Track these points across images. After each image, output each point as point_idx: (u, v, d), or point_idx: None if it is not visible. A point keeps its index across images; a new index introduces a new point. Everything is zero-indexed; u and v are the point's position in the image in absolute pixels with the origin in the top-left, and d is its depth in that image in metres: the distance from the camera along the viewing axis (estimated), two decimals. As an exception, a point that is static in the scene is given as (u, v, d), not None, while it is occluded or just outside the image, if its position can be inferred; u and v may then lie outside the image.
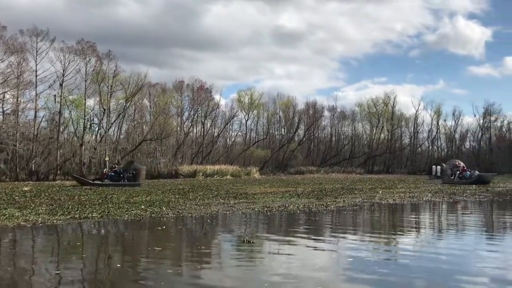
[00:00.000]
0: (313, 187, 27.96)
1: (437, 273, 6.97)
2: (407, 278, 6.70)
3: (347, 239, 10.23)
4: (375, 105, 72.07)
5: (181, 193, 22.14)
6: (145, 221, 12.74)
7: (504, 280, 6.57)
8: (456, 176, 36.45)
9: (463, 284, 6.39)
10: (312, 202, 17.81)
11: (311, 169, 59.85)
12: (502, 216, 15.70)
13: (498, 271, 7.01)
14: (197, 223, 12.88)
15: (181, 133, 57.14)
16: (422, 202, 19.16)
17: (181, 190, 24.69)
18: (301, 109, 69.49)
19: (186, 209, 15.16)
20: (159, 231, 11.05)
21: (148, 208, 15.34)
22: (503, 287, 6.23)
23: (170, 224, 12.19)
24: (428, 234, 11.46)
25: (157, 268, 7.46)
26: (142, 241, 10.41)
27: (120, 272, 7.28)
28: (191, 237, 10.82)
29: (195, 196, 20.56)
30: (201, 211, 14.68)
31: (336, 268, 7.36)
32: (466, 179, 34.88)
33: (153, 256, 8.42)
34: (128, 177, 29.43)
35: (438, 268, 7.32)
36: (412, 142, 74.10)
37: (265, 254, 8.55)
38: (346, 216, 14.35)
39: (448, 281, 6.49)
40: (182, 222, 12.86)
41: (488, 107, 73.78)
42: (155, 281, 6.64)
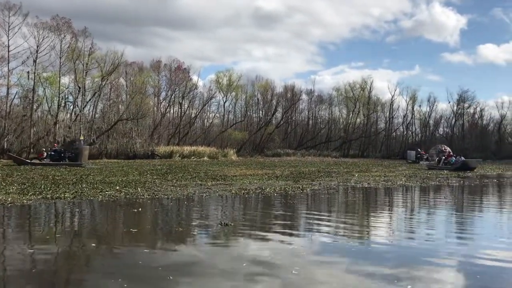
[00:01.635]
0: (290, 170, 28.16)
1: (409, 258, 7.14)
2: (380, 261, 6.84)
3: (322, 223, 10.36)
4: (352, 90, 72.59)
5: (158, 174, 22.01)
6: (120, 202, 12.63)
7: (472, 263, 6.77)
8: (441, 162, 36.32)
9: (433, 266, 6.56)
10: (289, 185, 17.96)
11: (288, 152, 60.17)
12: (472, 201, 16.12)
13: (466, 256, 7.20)
14: (174, 205, 12.84)
15: (158, 113, 56.50)
16: (396, 186, 19.52)
17: (158, 170, 24.55)
18: (279, 92, 69.57)
19: (162, 191, 15.08)
20: (134, 213, 10.97)
21: (123, 189, 15.20)
22: (472, 268, 6.41)
23: (146, 206, 12.12)
24: (401, 218, 11.69)
25: (133, 249, 7.43)
26: (117, 223, 10.32)
27: (95, 253, 7.23)
28: (167, 219, 10.79)
29: (172, 177, 20.46)
30: (178, 193, 14.63)
31: (310, 252, 7.46)
32: (451, 165, 34.53)
33: (129, 237, 8.37)
34: (70, 157, 28.42)
35: (410, 253, 7.50)
36: (387, 127, 75.07)
37: (242, 236, 8.60)
38: (322, 199, 14.52)
39: (418, 264, 6.65)
40: (158, 203, 12.80)
41: (462, 94, 75.22)
42: (132, 261, 6.61)
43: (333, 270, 6.34)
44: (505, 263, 6.80)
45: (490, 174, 29.72)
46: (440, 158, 36.98)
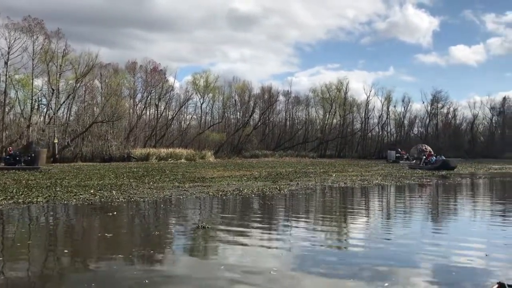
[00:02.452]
0: (268, 171, 28.19)
1: (386, 258, 7.19)
2: (357, 261, 6.87)
3: (300, 224, 10.38)
4: (328, 91, 73.22)
5: (135, 177, 21.72)
6: (95, 206, 12.39)
7: (447, 263, 6.85)
8: (422, 161, 36.32)
9: (409, 266, 6.62)
10: (267, 186, 17.95)
11: (265, 153, 60.26)
12: (446, 200, 16.40)
13: (442, 257, 7.29)
14: (150, 208, 12.67)
15: (134, 115, 55.81)
16: (372, 186, 19.73)
17: (135, 173, 24.23)
18: (257, 94, 69.59)
19: (138, 193, 14.88)
20: (109, 217, 10.77)
21: (98, 192, 14.94)
22: (448, 268, 6.50)
23: (121, 209, 11.92)
24: (377, 219, 11.79)
25: (108, 255, 7.28)
26: (92, 228, 10.11)
27: (68, 260, 7.05)
28: (143, 223, 10.63)
29: (149, 180, 20.22)
30: (154, 195, 14.45)
31: (288, 253, 7.44)
32: (431, 164, 34.51)
33: (104, 243, 8.21)
34: (26, 160, 27.28)
35: (387, 252, 7.56)
36: (363, 127, 75.91)
37: (220, 239, 8.52)
38: (299, 200, 14.55)
39: (395, 264, 6.70)
40: (134, 207, 12.60)
41: (436, 95, 76.78)
42: (107, 267, 6.48)
43: (311, 271, 6.32)
44: (478, 259, 6.90)
45: (464, 173, 30.33)
46: (420, 158, 37.00)
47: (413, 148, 39.83)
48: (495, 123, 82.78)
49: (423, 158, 36.54)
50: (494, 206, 14.23)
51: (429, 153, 37.54)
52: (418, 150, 38.16)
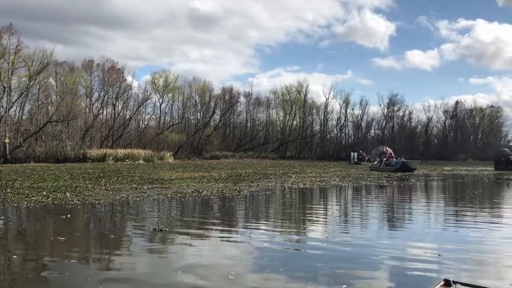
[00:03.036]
0: (227, 172, 28.09)
1: (344, 258, 7.26)
2: (316, 263, 6.90)
3: (260, 225, 10.35)
4: (289, 93, 73.97)
5: (91, 179, 21.10)
6: (48, 208, 11.92)
7: (402, 264, 6.99)
8: (383, 163, 36.71)
9: (367, 265, 6.71)
10: (227, 187, 17.85)
11: (226, 154, 60.12)
12: (401, 201, 16.83)
13: (397, 257, 7.43)
14: (106, 210, 12.31)
15: (90, 115, 54.38)
16: (331, 187, 20.00)
17: (91, 174, 23.54)
18: (217, 94, 69.33)
19: (94, 195, 14.45)
20: (63, 220, 10.38)
21: (51, 194, 14.40)
22: (403, 268, 6.62)
23: (76, 212, 11.52)
24: (335, 220, 11.93)
25: (60, 259, 6.99)
26: (44, 231, 9.70)
27: (18, 266, 6.72)
28: (98, 226, 10.30)
29: (106, 181, 19.68)
30: (110, 198, 14.07)
31: (248, 255, 7.39)
32: (392, 166, 34.92)
33: (56, 247, 7.88)
34: None
35: (345, 253, 7.63)
36: (322, 129, 77.12)
37: (178, 242, 8.37)
38: (259, 201, 14.53)
39: (353, 264, 6.77)
40: (90, 209, 12.21)
41: (392, 98, 79.12)
42: (58, 272, 6.21)
43: (270, 274, 6.29)
44: (432, 259, 7.08)
45: (418, 174, 31.27)
46: (381, 159, 37.45)
47: (374, 150, 40.47)
48: (448, 126, 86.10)
49: (383, 160, 37.00)
50: (447, 207, 14.72)
51: (390, 155, 38.07)
52: (379, 152, 38.73)
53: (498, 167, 40.38)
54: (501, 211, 13.30)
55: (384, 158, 37.24)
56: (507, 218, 11.59)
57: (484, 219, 11.47)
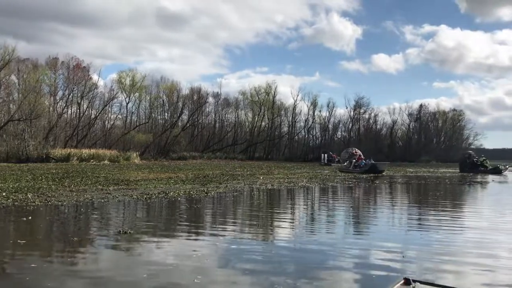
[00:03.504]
0: (195, 173, 27.90)
1: (310, 259, 7.31)
2: (283, 264, 6.92)
3: (227, 227, 10.31)
4: (257, 94, 74.21)
5: (54, 179, 20.51)
6: (8, 210, 11.51)
7: (367, 264, 7.09)
8: (352, 165, 36.92)
9: (332, 266, 6.77)
10: (194, 189, 17.71)
11: (194, 155, 59.73)
12: (367, 202, 17.12)
13: (363, 257, 7.54)
14: (70, 212, 11.98)
15: (54, 113, 52.95)
16: (298, 188, 20.15)
17: (54, 175, 22.89)
18: (185, 94, 68.85)
19: (57, 197, 14.05)
20: (23, 222, 10.04)
21: (11, 195, 13.92)
22: (368, 268, 6.71)
23: (37, 214, 11.17)
24: (302, 220, 12.01)
25: (20, 263, 6.75)
26: (3, 233, 9.35)
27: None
28: (61, 228, 10.00)
29: (70, 182, 19.18)
30: (74, 199, 13.72)
31: (215, 257, 7.34)
32: (361, 168, 35.14)
33: (16, 250, 7.60)
34: None
35: (311, 254, 7.68)
36: (290, 130, 77.76)
37: (144, 244, 8.22)
38: (227, 202, 14.48)
39: (319, 266, 6.82)
40: (52, 211, 11.86)
41: (358, 100, 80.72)
42: (18, 277, 5.99)
43: (237, 276, 6.26)
44: (396, 259, 7.21)
45: (383, 176, 31.89)
46: (351, 161, 37.67)
47: (343, 152, 40.73)
48: (412, 128, 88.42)
49: (353, 162, 37.21)
50: (412, 208, 15.05)
51: (359, 156, 38.25)
52: (349, 153, 38.92)
53: (463, 169, 41.63)
54: (464, 213, 13.65)
55: (353, 160, 37.46)
56: (469, 220, 11.92)
57: (448, 221, 11.77)
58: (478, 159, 41.73)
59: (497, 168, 39.83)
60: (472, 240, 8.84)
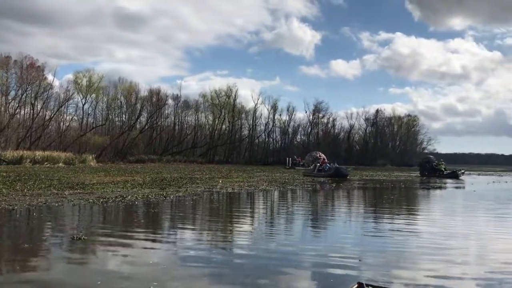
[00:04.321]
0: (152, 176, 27.46)
1: (268, 264, 7.32)
2: (241, 270, 6.90)
3: (186, 231, 10.19)
4: (218, 97, 74.00)
5: (5, 182, 19.65)
6: (-46, 216, 10.93)
7: (324, 269, 7.18)
8: (316, 168, 36.62)
9: (289, 275, 6.81)
10: (153, 192, 17.42)
11: (152, 158, 58.82)
12: (325, 206, 17.37)
13: (320, 262, 7.62)
14: (21, 217, 11.49)
15: (6, 114, 50.85)
16: (258, 191, 20.20)
17: (5, 178, 21.93)
18: (144, 96, 67.81)
19: (8, 201, 13.47)
20: (-29, 228, 9.55)
21: (-43, 200, 13.24)
22: (325, 272, 6.79)
23: (-15, 219, 10.65)
24: (261, 224, 12.03)
25: (-35, 272, 6.41)
26: None
27: None
28: (11, 234, 9.58)
29: (22, 185, 18.41)
30: (26, 203, 13.19)
31: (172, 263, 7.22)
32: (325, 172, 35.05)
33: (-39, 258, 7.22)
34: None
35: (270, 259, 7.70)
36: (251, 134, 77.98)
37: (99, 251, 7.99)
38: (186, 207, 14.32)
39: (277, 270, 6.84)
40: (2, 216, 11.34)
41: (317, 105, 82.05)
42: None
43: (194, 283, 6.18)
44: (352, 264, 7.33)
45: (342, 179, 32.43)
46: (315, 165, 37.46)
47: (307, 155, 40.47)
48: (369, 133, 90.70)
49: (317, 165, 37.04)
50: (368, 212, 15.38)
51: (323, 160, 38.26)
52: (313, 157, 38.81)
53: (423, 173, 42.90)
54: (419, 218, 13.90)
55: (317, 164, 37.25)
56: (424, 225, 12.21)
57: (403, 225, 12.06)
58: (437, 164, 43.09)
59: (455, 173, 41.32)
60: (425, 245, 8.99)
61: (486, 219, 13.44)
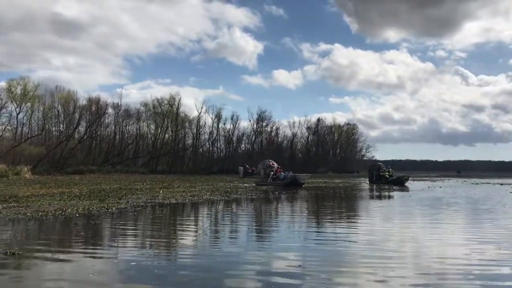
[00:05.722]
0: (91, 188, 26.60)
1: (213, 271, 7.37)
2: (184, 281, 6.90)
3: (128, 244, 10.01)
4: (160, 106, 72.92)
5: None
6: None
7: (267, 277, 7.32)
8: (270, 177, 35.83)
9: (236, 280, 6.90)
10: (93, 204, 16.90)
11: (91, 169, 56.89)
12: (269, 214, 17.63)
13: (263, 271, 7.76)
14: None
15: None
16: (202, 201, 20.13)
17: None
18: (83, 105, 65.53)
19: None
20: None
21: None
22: (267, 281, 6.93)
23: None
24: (204, 234, 12.03)
25: None
26: None
27: None
28: None
29: None
30: (-46, 219, 12.40)
31: (113, 277, 7.09)
32: (281, 180, 34.62)
33: None
34: None
35: (215, 268, 7.75)
36: (194, 143, 77.38)
37: (34, 266, 7.69)
38: (129, 218, 14.03)
39: (222, 279, 6.91)
40: None
41: (261, 114, 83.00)
42: None
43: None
44: (294, 271, 7.53)
45: (294, 187, 32.89)
46: (268, 174, 36.54)
47: (260, 164, 39.26)
48: (311, 141, 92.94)
49: (270, 174, 36.23)
50: (310, 219, 15.77)
51: (278, 169, 37.29)
52: (265, 165, 37.46)
53: (372, 180, 44.30)
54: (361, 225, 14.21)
55: (271, 172, 36.47)
56: (364, 232, 12.60)
57: (345, 232, 12.47)
58: (384, 171, 44.59)
59: (400, 179, 43.11)
60: (365, 251, 9.30)
61: (422, 224, 14.03)
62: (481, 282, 6.79)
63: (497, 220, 15.08)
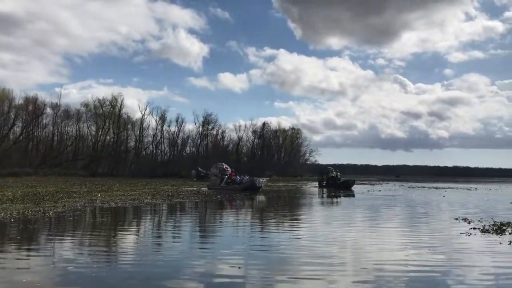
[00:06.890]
0: (25, 191, 25.38)
1: (154, 276, 7.31)
2: (125, 282, 6.81)
3: (65, 248, 9.69)
4: (102, 106, 70.78)
5: None
6: None
7: (210, 280, 7.37)
8: (224, 181, 34.83)
9: (179, 282, 6.89)
10: (28, 208, 16.17)
11: (28, 171, 54.25)
12: (213, 217, 17.63)
13: (205, 274, 7.78)
14: None
15: None
16: (144, 205, 19.79)
17: None
18: (19, 104, 62.48)
19: None
20: None
21: None
22: (210, 279, 6.98)
23: None
24: (147, 238, 11.88)
25: None
26: None
27: None
28: None
29: None
30: None
31: (47, 282, 6.86)
32: (237, 184, 33.82)
33: None
34: None
35: (158, 272, 7.69)
36: (137, 145, 75.71)
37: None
38: (67, 222, 13.55)
39: (166, 283, 6.87)
40: None
41: (207, 117, 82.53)
42: None
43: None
44: (234, 272, 7.62)
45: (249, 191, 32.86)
46: (222, 177, 35.38)
47: (213, 167, 37.89)
48: (256, 145, 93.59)
49: (224, 178, 35.19)
50: (255, 222, 15.95)
51: (232, 172, 36.28)
52: (219, 169, 35.82)
53: (321, 184, 45.09)
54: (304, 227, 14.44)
55: (225, 176, 35.40)
56: (307, 234, 12.82)
57: (287, 234, 12.71)
58: (332, 175, 45.45)
59: (347, 182, 44.30)
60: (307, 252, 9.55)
61: (361, 227, 14.48)
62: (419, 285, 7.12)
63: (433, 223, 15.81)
